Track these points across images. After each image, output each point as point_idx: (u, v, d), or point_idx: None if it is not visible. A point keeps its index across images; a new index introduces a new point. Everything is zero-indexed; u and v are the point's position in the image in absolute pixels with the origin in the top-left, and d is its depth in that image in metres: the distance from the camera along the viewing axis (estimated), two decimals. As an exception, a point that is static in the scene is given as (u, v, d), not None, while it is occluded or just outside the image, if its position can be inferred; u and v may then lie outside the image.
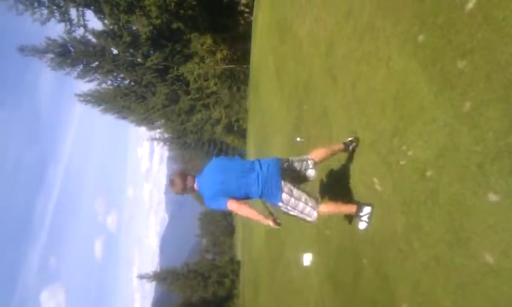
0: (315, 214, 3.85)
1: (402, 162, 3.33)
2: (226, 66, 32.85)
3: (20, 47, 36.86)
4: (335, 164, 4.92)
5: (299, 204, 3.82)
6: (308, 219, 3.87)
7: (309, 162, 4.11)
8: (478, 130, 2.45)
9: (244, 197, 3.93)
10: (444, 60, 2.86)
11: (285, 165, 4.03)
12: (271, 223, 3.79)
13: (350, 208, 3.99)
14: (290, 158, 4.13)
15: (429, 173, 2.93)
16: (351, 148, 4.33)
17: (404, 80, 3.39)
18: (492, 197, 2.31)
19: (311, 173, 4.14)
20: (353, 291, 4.17)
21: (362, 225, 3.90)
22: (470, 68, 2.58)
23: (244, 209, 3.85)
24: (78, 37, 36.66)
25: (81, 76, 39.53)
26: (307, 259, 5.82)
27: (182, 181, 4.06)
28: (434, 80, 2.95)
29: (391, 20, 3.70)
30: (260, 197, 3.91)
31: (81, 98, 42.53)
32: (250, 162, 4.05)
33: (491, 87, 2.39)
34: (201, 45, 31.71)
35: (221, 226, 73.36)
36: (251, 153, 18.82)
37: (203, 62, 32.96)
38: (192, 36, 32.31)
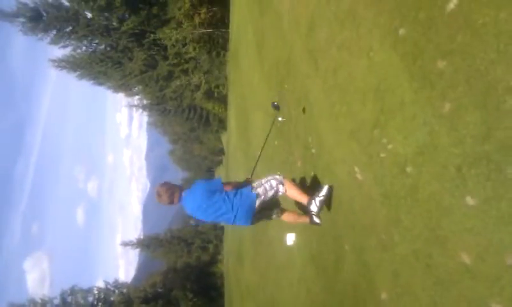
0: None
1: (382, 155, 3.38)
2: (204, 31, 32.10)
3: (-12, 11, 35.32)
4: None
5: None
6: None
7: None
8: (457, 133, 2.50)
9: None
10: (424, 57, 2.88)
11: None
12: None
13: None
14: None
15: (408, 169, 2.99)
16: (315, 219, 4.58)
17: (385, 72, 3.40)
18: (469, 200, 2.38)
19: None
20: (335, 275, 4.30)
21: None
22: (450, 69, 2.60)
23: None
24: (50, 0, 35.29)
25: (55, 41, 38.24)
26: (290, 239, 5.93)
27: (169, 194, 4.63)
28: (415, 76, 2.97)
29: (373, 9, 3.67)
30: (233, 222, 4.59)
31: (56, 64, 41.27)
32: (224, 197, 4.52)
33: (470, 92, 2.42)
34: (179, 9, 30.81)
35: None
36: (233, 128, 18.63)
37: (181, 27, 32.12)
38: (168, -1, 31.42)
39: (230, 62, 27.12)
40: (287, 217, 5.00)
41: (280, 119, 6.43)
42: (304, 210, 4.85)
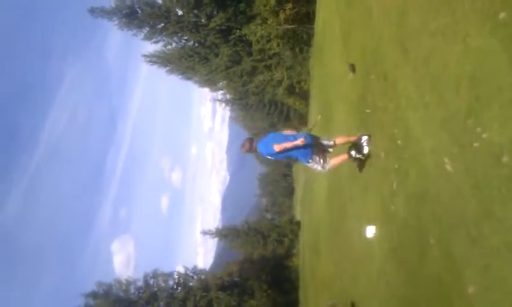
0: (327, 167, 6.59)
1: (476, 145, 3.25)
2: (289, 26, 32.23)
3: (91, 9, 38.56)
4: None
5: (319, 162, 6.46)
6: (323, 169, 6.61)
7: (330, 142, 6.55)
8: (562, 119, 2.35)
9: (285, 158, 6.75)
10: (528, 40, 2.72)
11: (315, 140, 6.48)
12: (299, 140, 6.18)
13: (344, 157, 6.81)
14: (319, 137, 6.66)
15: (505, 159, 2.85)
16: (363, 141, 6.51)
17: (482, 58, 3.25)
18: None
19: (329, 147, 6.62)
20: (418, 269, 4.20)
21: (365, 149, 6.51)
22: (557, 52, 2.45)
23: (284, 144, 6.14)
24: (144, -2, 37.58)
25: (147, 37, 40.63)
26: (370, 231, 5.86)
27: (249, 144, 6.62)
28: (516, 61, 2.82)
29: (470, -7, 3.52)
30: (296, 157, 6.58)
31: (147, 59, 43.75)
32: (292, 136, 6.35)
33: None
34: (264, 6, 31.24)
35: (280, 187, 74.10)
36: (316, 118, 18.56)
37: (266, 23, 32.55)
38: (255, -6, 31.94)
39: (313, 57, 27.03)
40: (334, 160, 6.66)
41: (367, 111, 6.37)
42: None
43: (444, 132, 3.82)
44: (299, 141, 6.07)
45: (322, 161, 6.50)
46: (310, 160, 6.44)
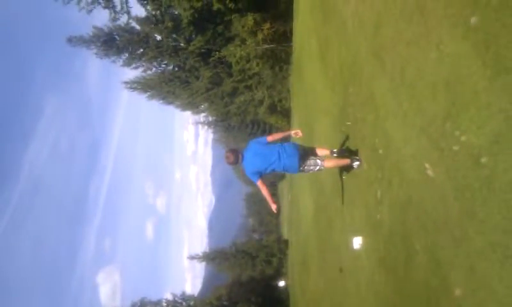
0: (322, 167, 6.10)
1: (455, 148, 3.29)
2: (267, 46, 32.69)
3: (69, 38, 38.46)
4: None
5: (311, 167, 6.02)
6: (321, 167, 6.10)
7: (318, 167, 6.13)
8: (536, 116, 2.40)
9: (271, 172, 6.12)
10: (498, 43, 2.79)
11: (302, 149, 6.08)
12: (273, 206, 6.16)
13: (345, 161, 6.16)
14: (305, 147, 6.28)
15: (483, 160, 2.90)
16: (354, 165, 6.11)
17: (456, 64, 3.32)
18: (551, 185, 2.27)
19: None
20: (405, 276, 4.20)
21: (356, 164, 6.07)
22: (527, 52, 2.51)
23: (264, 190, 6.08)
24: (122, 25, 37.64)
25: (127, 63, 40.71)
26: (357, 242, 5.86)
27: (234, 157, 6.09)
28: (488, 64, 2.89)
29: (442, 0, 3.62)
30: (283, 170, 6.13)
31: (128, 86, 43.77)
32: (276, 148, 5.98)
33: (549, 73, 2.32)
34: (243, 27, 31.68)
35: (266, 206, 73.81)
36: (296, 140, 18.75)
37: (245, 43, 32.97)
38: (233, 17, 32.35)
39: (293, 75, 27.36)
40: (328, 163, 6.17)
41: (347, 123, 6.44)
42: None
43: (423, 138, 3.88)
44: (274, 208, 6.17)
45: (317, 160, 6.06)
46: (304, 168, 6.01)
